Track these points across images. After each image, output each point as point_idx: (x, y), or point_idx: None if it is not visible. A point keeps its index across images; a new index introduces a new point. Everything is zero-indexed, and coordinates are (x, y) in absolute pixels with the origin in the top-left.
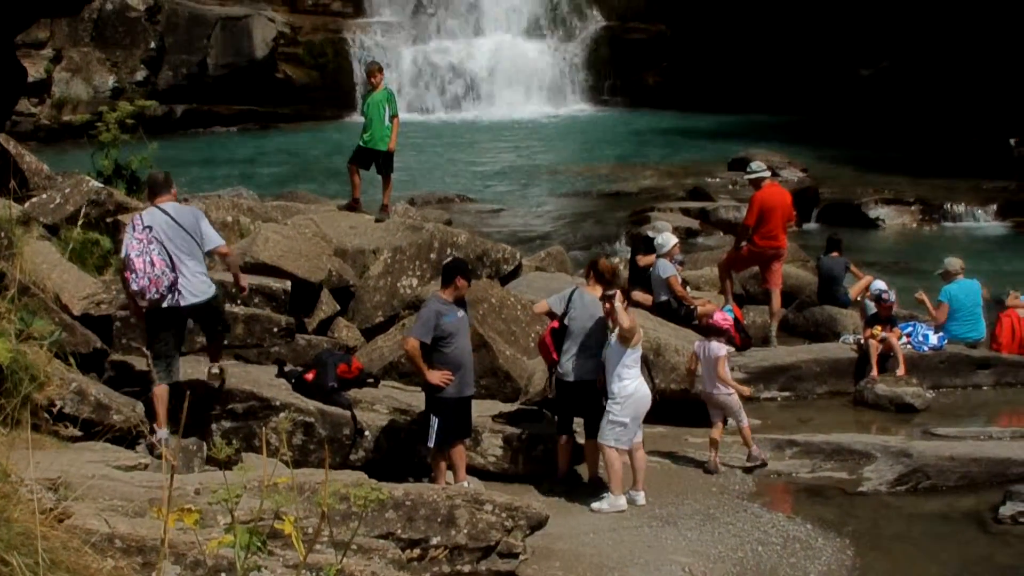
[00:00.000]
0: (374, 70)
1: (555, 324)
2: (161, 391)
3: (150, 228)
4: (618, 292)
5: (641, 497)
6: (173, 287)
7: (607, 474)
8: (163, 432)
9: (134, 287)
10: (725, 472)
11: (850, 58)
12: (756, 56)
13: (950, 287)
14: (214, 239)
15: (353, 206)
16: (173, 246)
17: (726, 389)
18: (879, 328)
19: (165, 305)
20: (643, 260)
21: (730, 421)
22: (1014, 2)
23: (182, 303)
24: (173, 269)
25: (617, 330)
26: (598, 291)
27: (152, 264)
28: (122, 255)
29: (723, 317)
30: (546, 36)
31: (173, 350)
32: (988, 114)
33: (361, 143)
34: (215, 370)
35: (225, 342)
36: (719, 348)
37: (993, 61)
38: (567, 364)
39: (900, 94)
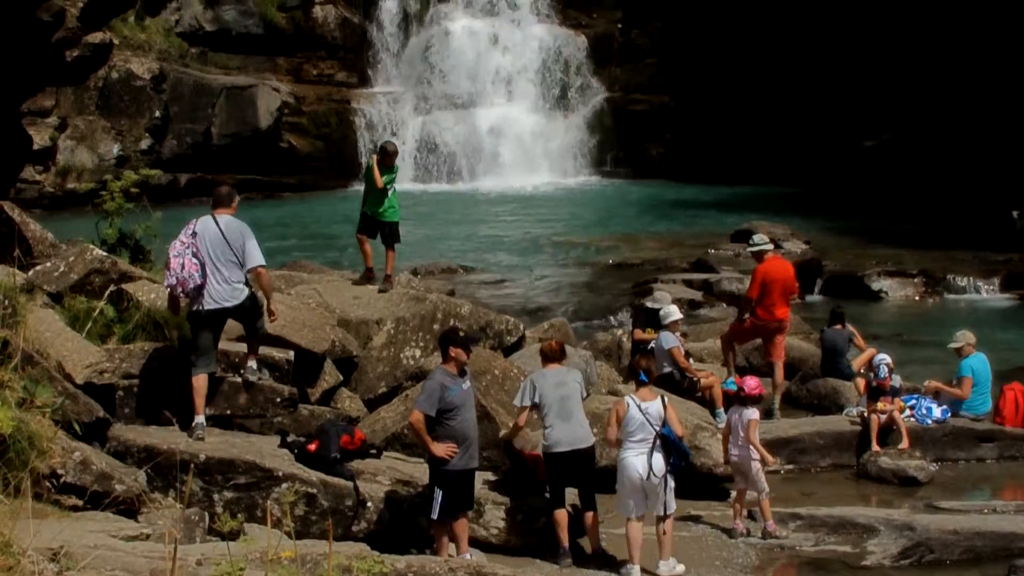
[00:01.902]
0: (396, 151)
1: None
2: (199, 382)
3: (195, 235)
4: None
5: (665, 568)
6: (199, 290)
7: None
8: (200, 419)
9: (166, 283)
10: (729, 545)
11: (853, 130)
12: (759, 128)
13: (970, 360)
14: (255, 258)
15: (369, 276)
16: (211, 254)
17: (755, 455)
18: (883, 403)
19: (194, 308)
20: (639, 336)
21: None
22: (1016, 75)
23: (205, 307)
24: (203, 275)
25: None
26: (554, 366)
27: (183, 267)
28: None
29: (755, 384)
30: (550, 107)
31: (210, 346)
32: (991, 186)
33: (368, 212)
34: (251, 365)
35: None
36: (752, 412)
37: (996, 133)
38: (553, 436)
39: (903, 166)
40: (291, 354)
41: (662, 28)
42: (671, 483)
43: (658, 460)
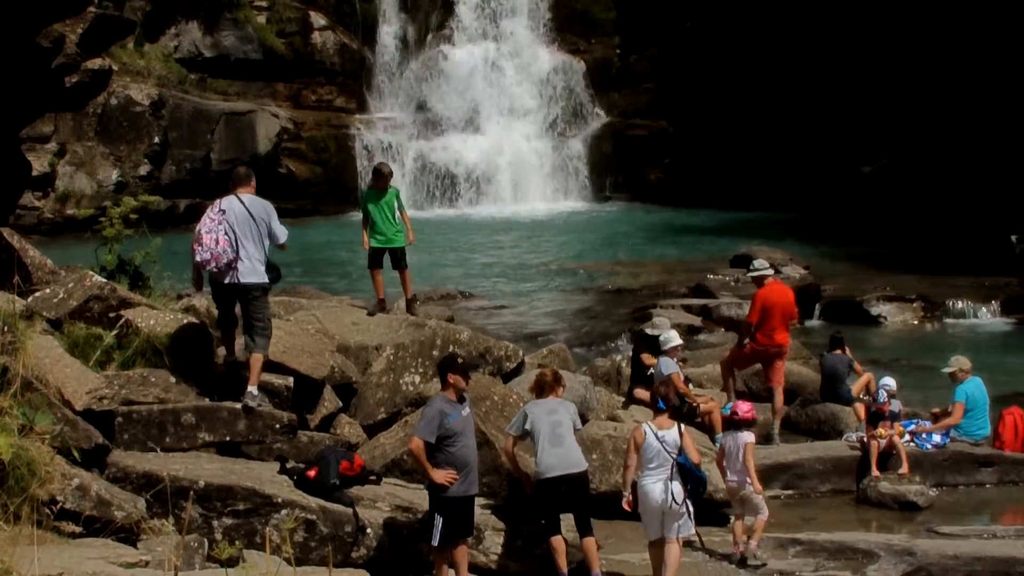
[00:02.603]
0: (390, 172)
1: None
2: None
3: (224, 212)
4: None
5: None
6: (231, 265)
7: None
8: (253, 390)
9: (198, 258)
10: (728, 570)
11: (851, 155)
12: (758, 153)
13: (966, 386)
14: (281, 235)
15: (381, 307)
16: (240, 231)
17: (748, 478)
18: (883, 430)
19: (226, 281)
20: (648, 360)
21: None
22: (1014, 100)
23: (238, 280)
24: (235, 251)
25: None
26: (549, 397)
27: (217, 242)
28: (196, 230)
29: (748, 408)
30: (548, 132)
31: (234, 325)
32: (989, 211)
33: (376, 244)
34: (251, 391)
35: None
36: (748, 435)
37: (993, 158)
38: (545, 461)
39: (901, 191)
40: (290, 380)
41: (660, 53)
42: (689, 507)
43: (676, 487)
